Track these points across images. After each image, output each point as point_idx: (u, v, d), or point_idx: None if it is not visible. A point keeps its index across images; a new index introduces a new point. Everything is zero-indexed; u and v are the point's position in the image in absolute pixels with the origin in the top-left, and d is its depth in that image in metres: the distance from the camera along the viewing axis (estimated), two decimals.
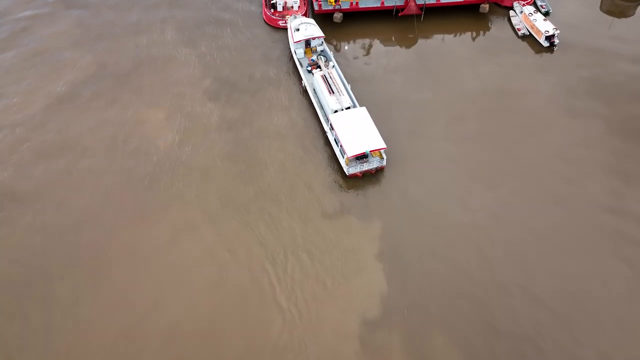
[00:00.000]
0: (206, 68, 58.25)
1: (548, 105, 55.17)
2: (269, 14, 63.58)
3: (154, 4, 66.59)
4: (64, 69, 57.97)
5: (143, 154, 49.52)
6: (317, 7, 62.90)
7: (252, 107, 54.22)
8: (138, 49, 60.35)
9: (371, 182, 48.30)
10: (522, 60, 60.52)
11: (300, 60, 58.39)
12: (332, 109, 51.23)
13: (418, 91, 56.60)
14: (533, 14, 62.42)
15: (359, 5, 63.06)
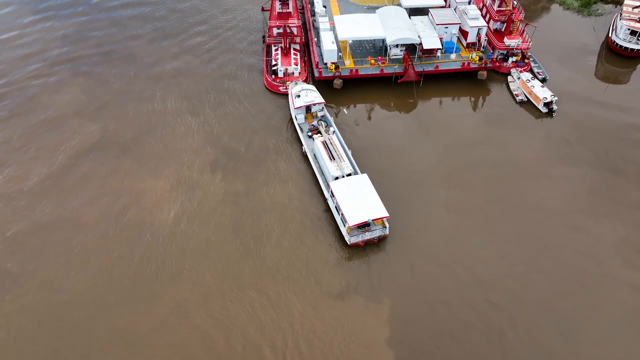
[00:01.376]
0: (208, 137, 57.82)
1: (551, 171, 54.53)
2: (270, 80, 64.49)
3: (159, 72, 67.39)
4: (67, 137, 57.42)
5: (140, 229, 47.70)
6: (317, 73, 63.91)
7: (252, 176, 53.25)
8: (142, 118, 60.19)
9: (374, 252, 46.53)
10: (522, 125, 60.63)
11: (301, 125, 58.43)
12: (333, 176, 50.41)
13: (419, 156, 56.16)
14: (530, 81, 63.36)
15: (358, 72, 64.11)
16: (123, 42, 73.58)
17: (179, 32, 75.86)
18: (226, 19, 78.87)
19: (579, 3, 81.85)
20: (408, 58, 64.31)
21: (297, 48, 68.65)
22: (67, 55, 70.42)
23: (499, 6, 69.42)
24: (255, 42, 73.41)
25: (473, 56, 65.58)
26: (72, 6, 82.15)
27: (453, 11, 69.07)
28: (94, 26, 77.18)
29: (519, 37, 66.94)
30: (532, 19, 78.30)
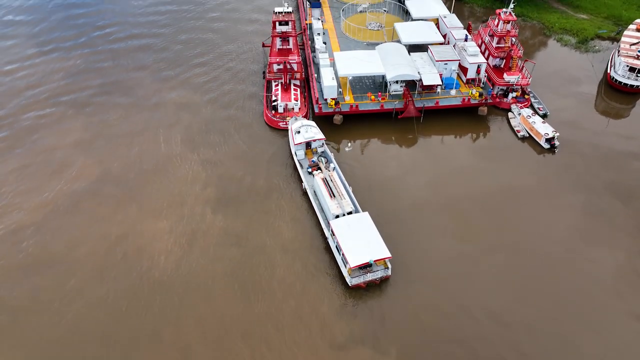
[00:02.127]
0: (208, 174, 56.77)
1: (555, 207, 53.48)
2: (270, 116, 64.20)
3: (160, 107, 67.08)
4: (65, 173, 56.57)
5: (136, 272, 46.04)
6: (317, 109, 63.69)
7: (252, 215, 51.92)
8: (142, 154, 59.37)
9: (377, 294, 44.86)
10: (524, 161, 59.96)
11: (301, 161, 57.70)
12: (333, 214, 49.25)
13: (421, 193, 55.16)
14: (531, 117, 63.11)
15: (359, 108, 63.92)
16: (124, 74, 73.89)
17: (180, 65, 76.31)
18: (227, 52, 79.51)
19: (577, 39, 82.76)
20: (408, 94, 64.26)
21: (297, 84, 68.76)
22: (67, 88, 70.50)
23: (498, 43, 70.00)
24: (255, 78, 73.61)
25: (473, 92, 65.57)
26: (74, 39, 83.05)
27: (452, 48, 69.56)
28: (96, 59, 77.79)
29: (519, 73, 67.15)
30: (530, 55, 78.99)
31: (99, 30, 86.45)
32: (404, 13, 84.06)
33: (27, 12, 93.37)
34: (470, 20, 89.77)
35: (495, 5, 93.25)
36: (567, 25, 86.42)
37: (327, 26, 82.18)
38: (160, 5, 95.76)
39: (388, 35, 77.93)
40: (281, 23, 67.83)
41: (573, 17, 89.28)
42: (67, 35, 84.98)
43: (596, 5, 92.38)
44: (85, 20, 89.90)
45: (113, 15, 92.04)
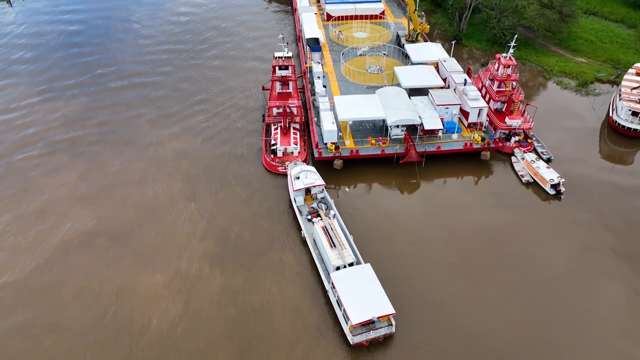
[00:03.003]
0: (206, 225, 54.73)
1: (563, 257, 51.33)
2: (269, 160, 62.98)
3: (158, 154, 65.94)
4: (61, 224, 54.65)
5: (128, 332, 43.55)
6: (317, 154, 62.55)
7: (251, 269, 49.72)
8: (138, 204, 57.55)
9: (380, 354, 42.09)
10: (530, 208, 58.20)
11: (300, 207, 55.99)
12: (334, 265, 47.07)
13: (425, 243, 53.11)
14: (535, 161, 61.88)
15: (359, 153, 62.79)
16: (124, 122, 73.05)
17: (180, 106, 75.97)
18: (226, 97, 79.17)
19: (576, 82, 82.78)
20: (409, 138, 63.31)
21: (297, 127, 67.98)
22: (66, 135, 69.48)
23: (499, 87, 69.72)
24: (254, 122, 72.95)
25: (475, 136, 64.64)
26: (75, 78, 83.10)
27: (453, 92, 69.21)
28: (96, 99, 77.73)
29: (521, 117, 66.42)
30: (531, 98, 78.73)
31: (100, 69, 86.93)
32: (404, 56, 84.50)
33: (33, 50, 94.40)
34: (469, 63, 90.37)
35: (494, 49, 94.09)
36: (566, 68, 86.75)
37: (327, 69, 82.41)
38: (163, 44, 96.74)
39: (388, 79, 77.92)
40: (281, 67, 67.72)
41: (572, 61, 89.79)
42: (68, 74, 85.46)
43: (594, 49, 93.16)
44: (88, 59, 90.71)
45: (116, 54, 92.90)
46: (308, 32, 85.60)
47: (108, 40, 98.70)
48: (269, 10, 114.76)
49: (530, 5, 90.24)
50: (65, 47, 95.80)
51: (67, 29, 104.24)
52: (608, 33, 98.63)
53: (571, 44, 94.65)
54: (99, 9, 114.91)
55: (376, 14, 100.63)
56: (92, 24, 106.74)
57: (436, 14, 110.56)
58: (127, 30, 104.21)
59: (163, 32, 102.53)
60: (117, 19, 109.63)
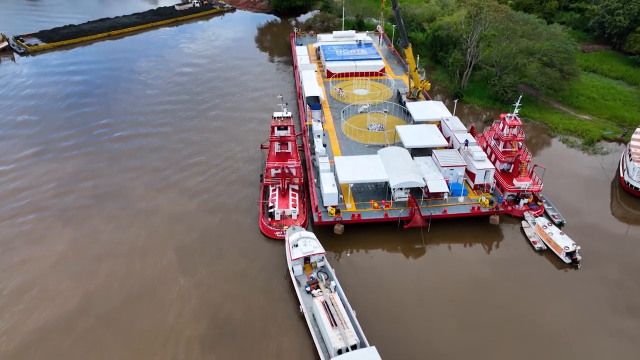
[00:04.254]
0: (199, 303, 50.25)
1: (581, 331, 46.82)
2: (266, 224, 59.71)
3: (152, 218, 62.54)
4: (41, 301, 50.31)
5: None
6: (317, 218, 59.34)
7: (246, 355, 45.32)
8: (129, 278, 53.27)
9: None
10: (545, 278, 54.25)
11: (299, 278, 52.09)
12: (335, 348, 42.63)
13: (435, 318, 48.83)
14: (547, 226, 58.53)
15: (361, 217, 59.61)
16: (119, 177, 70.63)
17: (177, 171, 73.12)
18: (224, 156, 76.94)
19: (583, 141, 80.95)
20: (413, 201, 60.36)
21: (296, 188, 65.24)
22: (57, 199, 66.41)
23: (504, 147, 67.56)
24: (252, 182, 70.21)
25: (483, 199, 61.70)
26: (73, 139, 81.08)
27: (457, 152, 67.02)
28: (91, 159, 75.18)
29: (529, 178, 63.83)
30: (536, 155, 76.35)
31: (99, 128, 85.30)
32: (405, 114, 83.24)
33: (32, 106, 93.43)
34: (472, 121, 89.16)
35: (496, 105, 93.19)
36: (571, 126, 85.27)
37: (327, 127, 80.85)
38: (164, 101, 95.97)
39: (390, 138, 76.07)
40: (280, 128, 65.89)
41: (576, 118, 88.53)
42: (65, 132, 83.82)
43: (597, 106, 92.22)
44: (87, 117, 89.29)
45: (116, 110, 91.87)
46: (308, 90, 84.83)
47: (109, 97, 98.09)
48: (270, 67, 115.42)
49: (531, 64, 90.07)
50: (65, 104, 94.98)
51: (69, 83, 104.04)
52: (610, 90, 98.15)
53: (574, 101, 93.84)
54: (101, 60, 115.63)
55: (376, 71, 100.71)
56: (94, 80, 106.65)
57: (436, 70, 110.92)
58: (129, 84, 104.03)
59: (165, 89, 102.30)
60: (121, 73, 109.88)
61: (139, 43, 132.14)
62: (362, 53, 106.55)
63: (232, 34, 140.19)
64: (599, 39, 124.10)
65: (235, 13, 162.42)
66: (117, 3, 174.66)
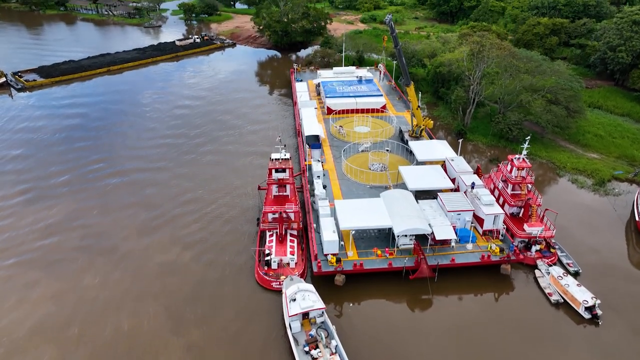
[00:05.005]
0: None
1: None
2: (262, 274, 55.95)
3: (142, 272, 58.08)
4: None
5: None
6: (316, 268, 55.60)
7: None
8: (116, 341, 48.64)
9: None
10: (563, 336, 50.06)
11: (296, 336, 47.96)
12: None
13: None
14: (563, 277, 54.70)
15: (363, 267, 55.88)
16: (108, 227, 66.44)
17: (169, 211, 69.89)
18: (220, 196, 73.85)
19: (593, 181, 77.90)
20: (419, 249, 56.74)
21: (295, 234, 61.75)
22: (42, 242, 62.97)
23: (513, 190, 64.43)
24: (248, 227, 66.74)
25: (493, 247, 58.10)
26: (63, 183, 77.86)
27: (464, 195, 63.86)
28: (81, 206, 71.00)
29: (541, 224, 60.40)
30: (544, 195, 73.01)
31: (92, 165, 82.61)
32: (408, 153, 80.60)
33: (26, 143, 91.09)
34: (476, 159, 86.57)
35: (501, 143, 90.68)
36: (579, 165, 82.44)
37: (327, 166, 78.02)
38: (161, 136, 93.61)
39: (392, 178, 73.10)
40: (278, 170, 62.97)
41: (584, 157, 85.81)
42: (56, 170, 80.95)
43: (605, 144, 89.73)
44: (80, 154, 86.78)
45: (111, 148, 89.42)
46: (307, 128, 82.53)
47: (105, 132, 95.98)
48: (270, 102, 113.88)
49: (536, 101, 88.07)
50: (60, 139, 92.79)
51: (65, 118, 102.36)
52: (617, 127, 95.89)
53: (580, 139, 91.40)
54: (100, 95, 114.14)
55: (378, 108, 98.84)
56: (91, 115, 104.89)
57: (438, 106, 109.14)
58: (127, 119, 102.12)
59: (163, 123, 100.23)
60: (119, 107, 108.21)
61: (138, 78, 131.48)
62: (363, 89, 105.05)
63: (232, 68, 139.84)
64: (601, 75, 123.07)
65: (236, 48, 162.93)
66: (119, 38, 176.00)
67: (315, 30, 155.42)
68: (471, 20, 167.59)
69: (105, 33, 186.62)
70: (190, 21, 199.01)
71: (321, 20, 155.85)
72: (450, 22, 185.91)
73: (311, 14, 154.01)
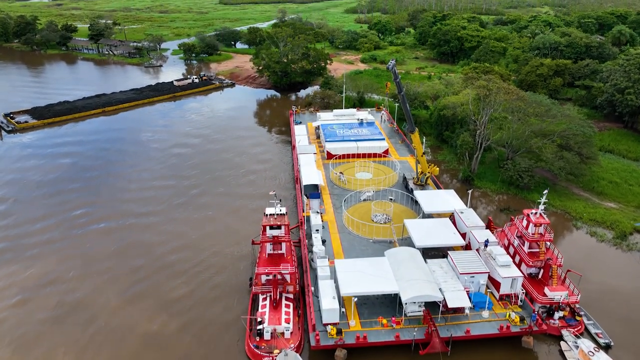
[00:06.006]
0: None
1: None
2: (253, 346, 49.58)
3: (123, 344, 52.01)
4: None
5: None
6: (314, 341, 49.23)
7: None
8: None
9: None
10: None
11: None
12: None
13: None
14: (595, 353, 48.23)
15: (367, 340, 49.50)
16: (89, 285, 61.02)
17: (155, 272, 63.95)
18: (210, 252, 68.09)
19: (613, 234, 72.24)
20: (430, 320, 50.55)
21: (291, 297, 55.70)
22: (14, 311, 56.83)
23: (530, 248, 58.74)
24: (239, 289, 60.61)
25: (512, 316, 51.89)
26: (44, 235, 72.33)
27: (476, 254, 58.16)
28: (59, 268, 64.78)
29: (564, 287, 54.44)
30: (561, 249, 67.12)
31: (78, 219, 77.11)
32: (413, 203, 75.39)
33: (6, 191, 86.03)
34: (485, 207, 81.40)
35: (511, 190, 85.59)
36: (597, 215, 76.99)
37: (327, 217, 72.61)
38: (152, 189, 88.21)
39: (397, 232, 67.54)
40: (272, 227, 57.53)
41: (600, 206, 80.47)
42: (39, 226, 75.23)
43: (621, 192, 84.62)
44: (65, 206, 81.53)
45: (99, 198, 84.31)
46: (306, 177, 77.66)
47: (93, 180, 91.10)
48: (268, 145, 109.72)
49: (546, 147, 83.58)
50: (44, 189, 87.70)
51: (52, 165, 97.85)
52: (632, 173, 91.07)
53: (595, 186, 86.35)
54: (91, 139, 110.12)
55: (380, 153, 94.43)
56: (79, 161, 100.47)
57: (442, 150, 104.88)
58: (117, 167, 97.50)
59: (156, 171, 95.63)
60: (109, 153, 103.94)
61: (133, 119, 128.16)
62: (364, 133, 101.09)
63: (230, 109, 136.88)
64: (609, 117, 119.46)
65: (235, 88, 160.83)
66: (119, 78, 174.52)
67: (315, 70, 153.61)
68: (472, 60, 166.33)
69: (105, 72, 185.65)
70: (190, 61, 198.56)
71: (321, 60, 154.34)
72: (451, 62, 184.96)
73: (311, 55, 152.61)
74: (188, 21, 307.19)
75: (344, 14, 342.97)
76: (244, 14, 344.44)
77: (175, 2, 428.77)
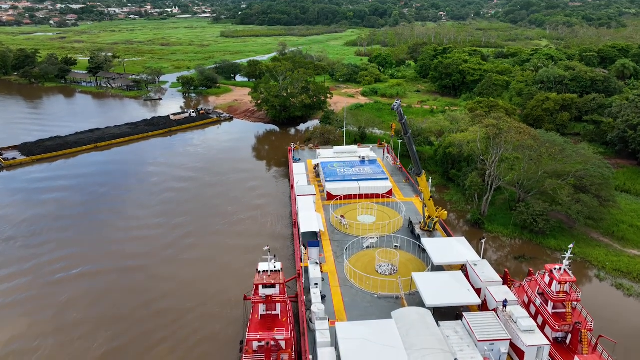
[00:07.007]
0: None
1: None
2: None
3: None
4: None
5: None
6: None
7: None
8: None
9: None
10: None
11: None
12: None
13: None
14: None
15: None
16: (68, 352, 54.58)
17: (138, 337, 57.65)
18: (197, 314, 61.83)
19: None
20: None
21: None
22: None
23: (555, 309, 52.37)
24: (227, 354, 54.22)
25: None
26: (11, 294, 66.34)
27: (495, 315, 51.77)
28: (29, 332, 59.02)
29: (597, 357, 47.81)
30: (586, 306, 60.71)
31: (55, 264, 71.47)
32: (421, 251, 69.36)
33: None
34: (498, 254, 75.25)
35: (524, 235, 79.67)
36: (621, 265, 70.81)
37: (327, 267, 66.48)
38: (141, 229, 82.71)
39: (405, 285, 61.27)
40: (266, 286, 51.42)
41: (624, 254, 74.34)
42: (11, 272, 69.41)
43: None
44: (43, 247, 75.98)
45: (81, 242, 78.85)
46: (304, 224, 71.83)
47: (76, 222, 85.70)
48: (266, 182, 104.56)
49: (562, 189, 78.19)
50: (23, 231, 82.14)
51: (34, 205, 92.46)
52: None
53: (615, 230, 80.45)
54: (81, 176, 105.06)
55: (383, 194, 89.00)
56: (66, 199, 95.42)
57: (449, 189, 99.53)
58: (105, 205, 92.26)
59: (145, 211, 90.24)
60: (99, 191, 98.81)
61: (126, 155, 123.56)
62: (366, 172, 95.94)
63: (227, 145, 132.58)
64: (621, 153, 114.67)
65: (233, 122, 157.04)
66: (116, 111, 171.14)
67: (315, 104, 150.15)
68: (475, 94, 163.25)
69: (101, 106, 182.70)
70: (189, 94, 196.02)
71: (321, 94, 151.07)
72: (453, 95, 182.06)
73: (311, 89, 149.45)
74: (189, 54, 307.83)
75: (344, 47, 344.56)
76: (244, 47, 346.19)
77: (177, 34, 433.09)
